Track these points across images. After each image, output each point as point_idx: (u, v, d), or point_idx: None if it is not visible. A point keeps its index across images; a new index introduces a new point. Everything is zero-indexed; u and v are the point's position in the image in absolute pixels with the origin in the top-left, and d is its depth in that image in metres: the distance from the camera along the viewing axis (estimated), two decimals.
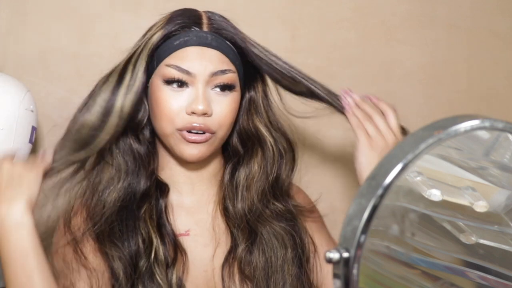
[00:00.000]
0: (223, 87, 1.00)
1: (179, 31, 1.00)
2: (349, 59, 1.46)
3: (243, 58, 1.04)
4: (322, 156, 1.46)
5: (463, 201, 0.65)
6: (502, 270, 0.67)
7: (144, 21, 1.04)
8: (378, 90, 1.49)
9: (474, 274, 0.67)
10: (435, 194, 0.63)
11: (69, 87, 1.26)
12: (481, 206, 0.65)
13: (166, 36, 1.00)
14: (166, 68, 0.99)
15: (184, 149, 0.99)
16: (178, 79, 0.98)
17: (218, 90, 1.00)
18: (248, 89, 1.07)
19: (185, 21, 1.01)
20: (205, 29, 1.01)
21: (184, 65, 0.98)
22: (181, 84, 0.98)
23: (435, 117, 0.59)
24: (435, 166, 0.61)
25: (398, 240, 0.62)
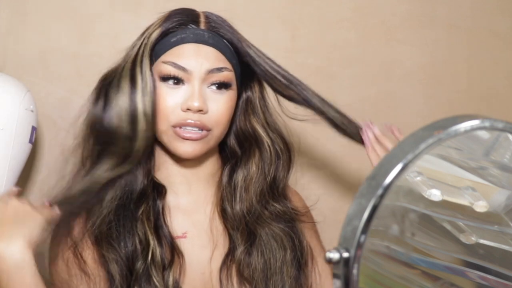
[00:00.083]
0: (220, 85, 0.99)
1: (176, 29, 1.00)
2: (349, 59, 1.46)
3: (240, 58, 1.03)
4: (322, 156, 1.46)
5: (463, 201, 0.65)
6: (502, 270, 0.67)
7: (144, 21, 1.04)
8: (378, 90, 1.50)
9: (474, 274, 0.67)
10: (435, 194, 0.63)
11: (69, 87, 1.26)
12: (481, 206, 0.65)
13: (164, 33, 1.00)
14: (163, 65, 0.98)
15: (179, 146, 0.99)
16: (174, 76, 0.98)
17: (214, 88, 0.99)
18: (245, 89, 1.07)
19: (183, 19, 1.01)
20: (202, 27, 1.00)
21: (181, 62, 0.98)
22: (177, 81, 0.98)
23: (435, 117, 0.59)
24: (435, 166, 0.61)
25: (398, 240, 0.62)
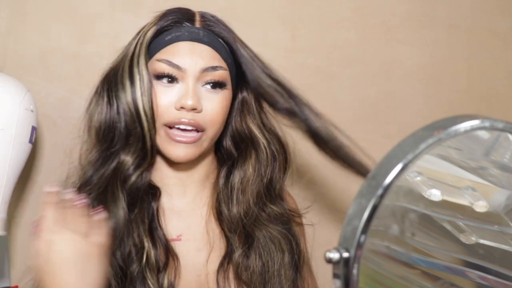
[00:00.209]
0: (214, 84, 0.98)
1: (171, 27, 0.99)
2: (349, 59, 1.46)
3: (236, 58, 1.02)
4: (321, 156, 1.45)
5: (463, 201, 0.65)
6: (502, 270, 0.67)
7: (144, 21, 1.03)
8: (378, 90, 1.50)
9: (474, 274, 0.66)
10: (435, 194, 0.63)
11: (69, 87, 1.26)
12: (481, 206, 0.65)
13: (159, 32, 0.99)
14: (157, 63, 0.98)
15: (171, 149, 0.98)
16: (168, 74, 0.97)
17: (209, 87, 0.98)
18: (241, 90, 1.06)
19: (178, 17, 1.00)
20: (198, 25, 1.00)
21: (175, 60, 0.97)
22: (172, 80, 0.97)
23: (435, 117, 0.59)
24: (435, 166, 0.61)
25: (398, 240, 0.62)
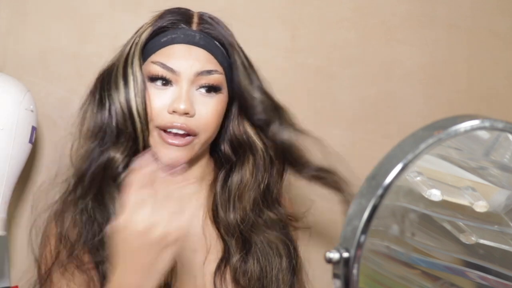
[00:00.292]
0: (209, 88, 0.97)
1: (168, 28, 0.98)
2: (349, 59, 1.46)
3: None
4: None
5: (463, 201, 0.65)
6: (502, 270, 0.67)
7: (144, 21, 1.03)
8: (378, 90, 1.49)
9: (474, 274, 0.66)
10: (435, 194, 0.63)
11: (69, 87, 1.26)
12: (481, 206, 0.65)
13: (155, 33, 0.99)
14: (152, 65, 0.97)
15: (163, 152, 0.97)
16: (162, 77, 0.96)
17: (204, 91, 0.97)
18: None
19: (175, 18, 0.99)
20: (194, 28, 0.99)
21: (169, 63, 0.96)
22: (166, 83, 0.96)
23: (435, 117, 0.59)
24: (435, 166, 0.61)
25: (398, 240, 0.62)
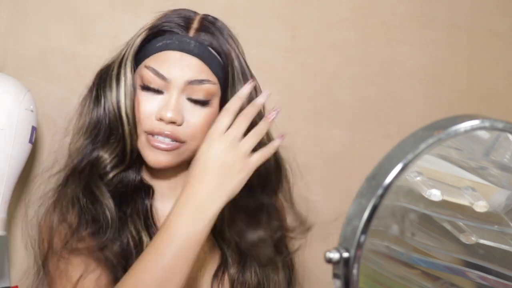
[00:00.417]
0: (196, 102, 0.95)
1: (164, 33, 0.97)
2: (349, 59, 1.46)
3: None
4: (322, 156, 1.46)
5: (463, 201, 0.65)
6: (502, 270, 0.67)
7: (144, 21, 1.03)
8: (378, 90, 1.49)
9: (474, 274, 0.66)
10: (435, 194, 0.63)
11: (69, 87, 1.25)
12: (481, 206, 0.65)
13: (151, 36, 0.98)
14: (144, 70, 0.96)
15: (149, 155, 0.96)
16: (154, 82, 0.95)
17: (193, 102, 0.96)
18: None
19: (174, 22, 0.98)
20: (191, 35, 0.97)
21: (161, 69, 0.95)
22: (157, 88, 0.95)
23: (435, 117, 0.59)
24: (435, 166, 0.61)
25: (398, 240, 0.62)
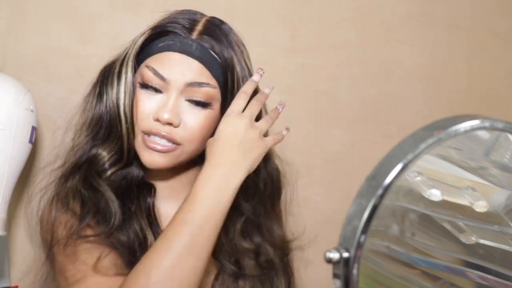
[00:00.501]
0: (197, 103, 0.95)
1: (168, 33, 0.97)
2: (349, 59, 1.46)
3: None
4: (322, 156, 1.46)
5: (463, 201, 0.65)
6: (502, 270, 0.67)
7: (144, 21, 1.03)
8: (378, 90, 1.50)
9: (474, 274, 0.66)
10: (435, 194, 0.63)
11: (69, 87, 1.26)
12: (481, 206, 0.65)
13: (154, 36, 0.98)
14: (145, 69, 0.96)
15: (145, 156, 0.96)
16: (153, 82, 0.95)
17: (193, 104, 0.96)
18: None
19: (177, 24, 0.98)
20: (194, 37, 0.96)
21: (161, 70, 0.95)
22: (156, 89, 0.95)
23: (435, 117, 0.59)
24: (435, 166, 0.61)
25: (398, 240, 0.62)
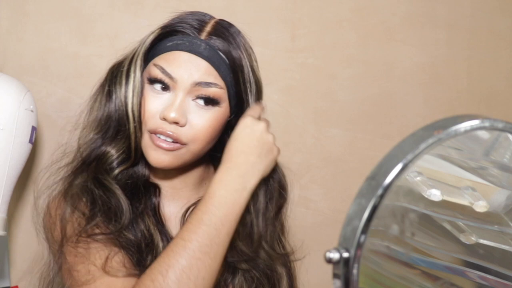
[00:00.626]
0: (206, 100, 0.95)
1: (177, 33, 0.97)
2: (349, 59, 1.46)
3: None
4: (322, 156, 1.46)
5: (463, 201, 0.65)
6: (502, 270, 0.67)
7: (144, 21, 1.04)
8: (378, 90, 1.50)
9: (474, 274, 0.66)
10: (435, 194, 0.63)
11: (69, 87, 1.26)
12: (481, 206, 0.65)
13: (163, 35, 0.98)
14: (153, 68, 0.96)
15: (151, 154, 0.96)
16: (161, 81, 0.95)
17: (201, 103, 0.96)
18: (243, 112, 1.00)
19: (187, 24, 0.98)
20: (203, 37, 0.97)
21: (169, 69, 0.95)
22: (164, 87, 0.96)
23: (435, 117, 0.59)
24: (435, 166, 0.61)
25: (398, 240, 0.62)
